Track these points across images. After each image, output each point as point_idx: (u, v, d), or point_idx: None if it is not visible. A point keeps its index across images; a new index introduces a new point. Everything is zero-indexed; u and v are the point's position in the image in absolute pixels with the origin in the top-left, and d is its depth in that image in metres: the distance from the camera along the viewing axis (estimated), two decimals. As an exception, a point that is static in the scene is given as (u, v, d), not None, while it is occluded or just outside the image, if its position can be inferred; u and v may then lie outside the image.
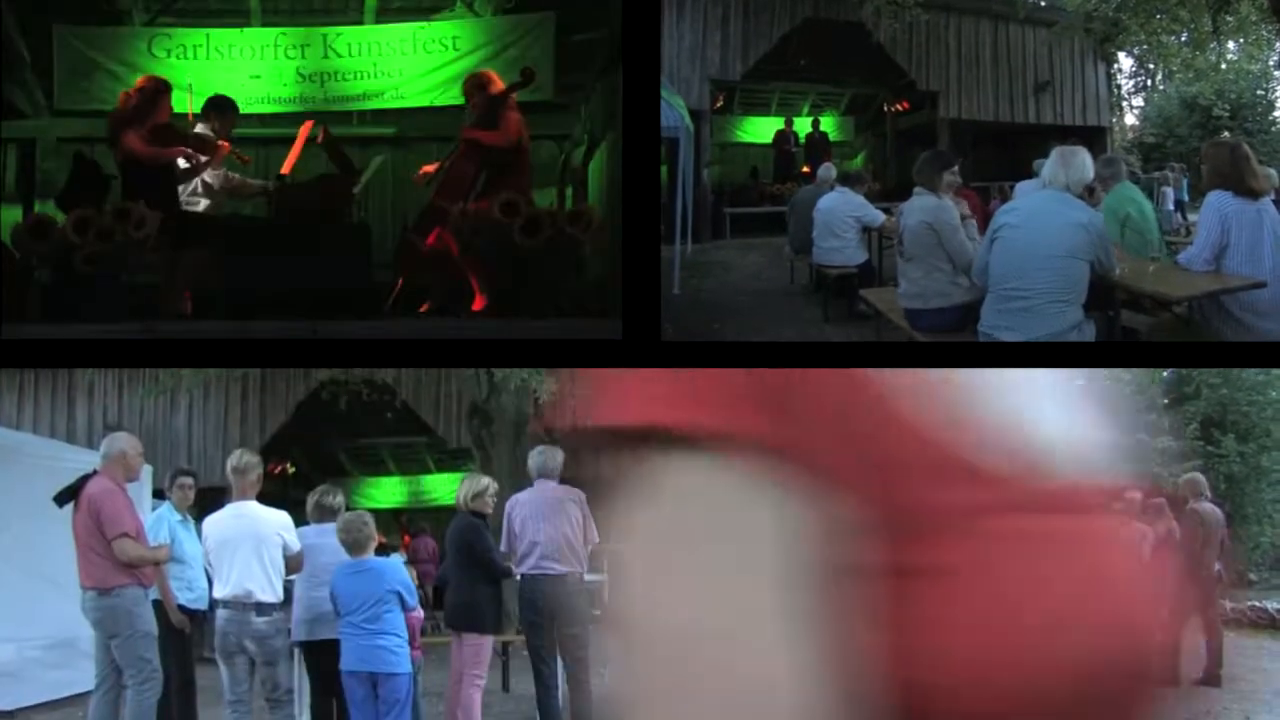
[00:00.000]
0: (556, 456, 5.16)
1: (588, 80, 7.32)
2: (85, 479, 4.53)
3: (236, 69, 7.23)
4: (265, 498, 4.69)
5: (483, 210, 5.95)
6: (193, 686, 5.07)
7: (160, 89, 6.21)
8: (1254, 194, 4.75)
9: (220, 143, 6.34)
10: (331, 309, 5.84)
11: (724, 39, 10.84)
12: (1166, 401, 12.59)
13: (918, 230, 5.43)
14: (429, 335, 5.77)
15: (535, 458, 5.16)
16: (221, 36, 7.28)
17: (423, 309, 6.30)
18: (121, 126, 6.08)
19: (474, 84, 6.38)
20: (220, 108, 6.48)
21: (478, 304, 6.05)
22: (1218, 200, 4.84)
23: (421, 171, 6.53)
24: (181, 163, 6.27)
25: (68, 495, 4.52)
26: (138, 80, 6.38)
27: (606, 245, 6.12)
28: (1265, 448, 12.48)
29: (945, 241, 5.35)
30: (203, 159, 6.32)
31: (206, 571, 4.82)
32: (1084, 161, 4.62)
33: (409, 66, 7.34)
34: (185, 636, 5.03)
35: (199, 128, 6.45)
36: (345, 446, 14.87)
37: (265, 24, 7.43)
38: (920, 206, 5.49)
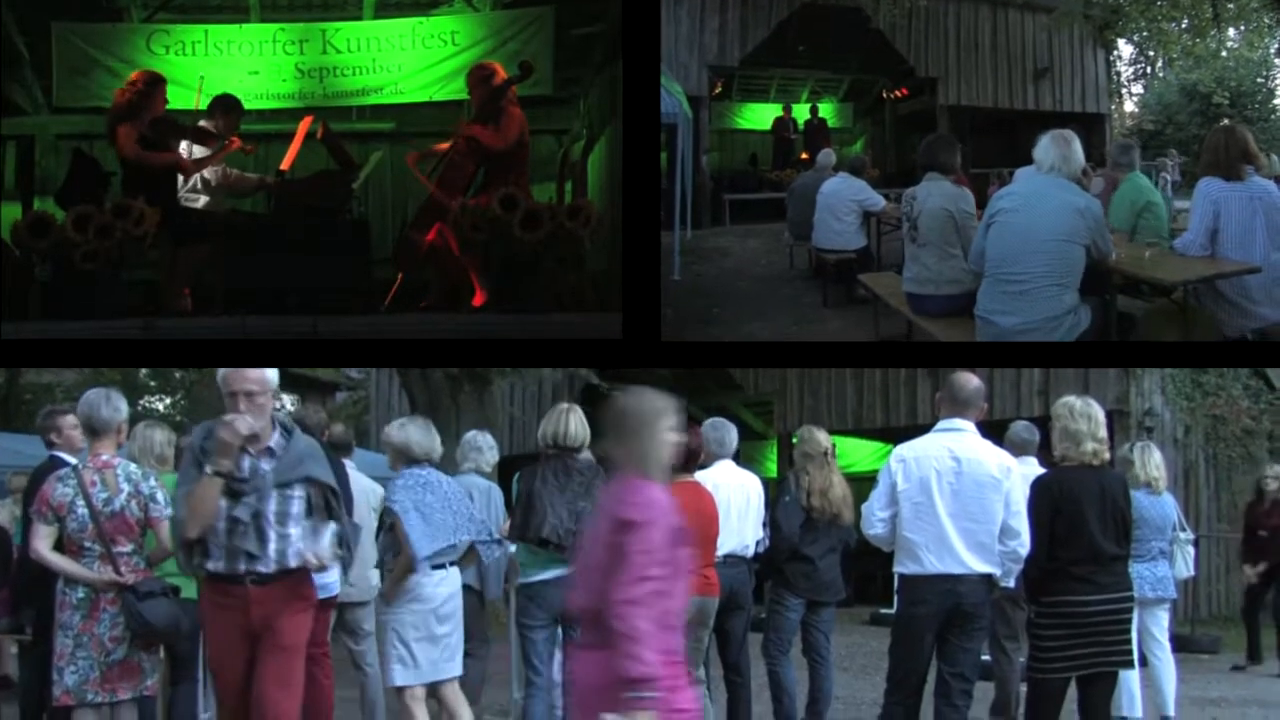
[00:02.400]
0: None
1: (587, 74, 7.31)
2: None
3: (235, 65, 7.18)
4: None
5: (482, 206, 5.95)
6: None
7: (154, 83, 6.19)
8: (1240, 175, 4.74)
9: (231, 139, 6.32)
10: (331, 305, 5.85)
11: (722, 25, 10.81)
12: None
13: (936, 215, 5.41)
14: (430, 332, 5.77)
15: None
16: (220, 32, 7.24)
17: (423, 305, 6.30)
18: (118, 123, 6.07)
19: (477, 76, 6.36)
20: (226, 107, 6.46)
21: (478, 299, 6.06)
22: (1206, 186, 4.85)
23: (413, 157, 6.45)
24: (197, 151, 6.24)
25: None
26: (131, 75, 6.36)
27: (605, 239, 6.13)
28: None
29: (962, 229, 5.35)
30: (202, 153, 6.30)
31: None
32: (1079, 147, 4.63)
33: (408, 62, 7.30)
34: None
35: (203, 123, 6.44)
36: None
37: (264, 20, 7.38)
38: (940, 192, 5.48)
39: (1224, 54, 11.93)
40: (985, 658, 4.66)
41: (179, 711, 4.77)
